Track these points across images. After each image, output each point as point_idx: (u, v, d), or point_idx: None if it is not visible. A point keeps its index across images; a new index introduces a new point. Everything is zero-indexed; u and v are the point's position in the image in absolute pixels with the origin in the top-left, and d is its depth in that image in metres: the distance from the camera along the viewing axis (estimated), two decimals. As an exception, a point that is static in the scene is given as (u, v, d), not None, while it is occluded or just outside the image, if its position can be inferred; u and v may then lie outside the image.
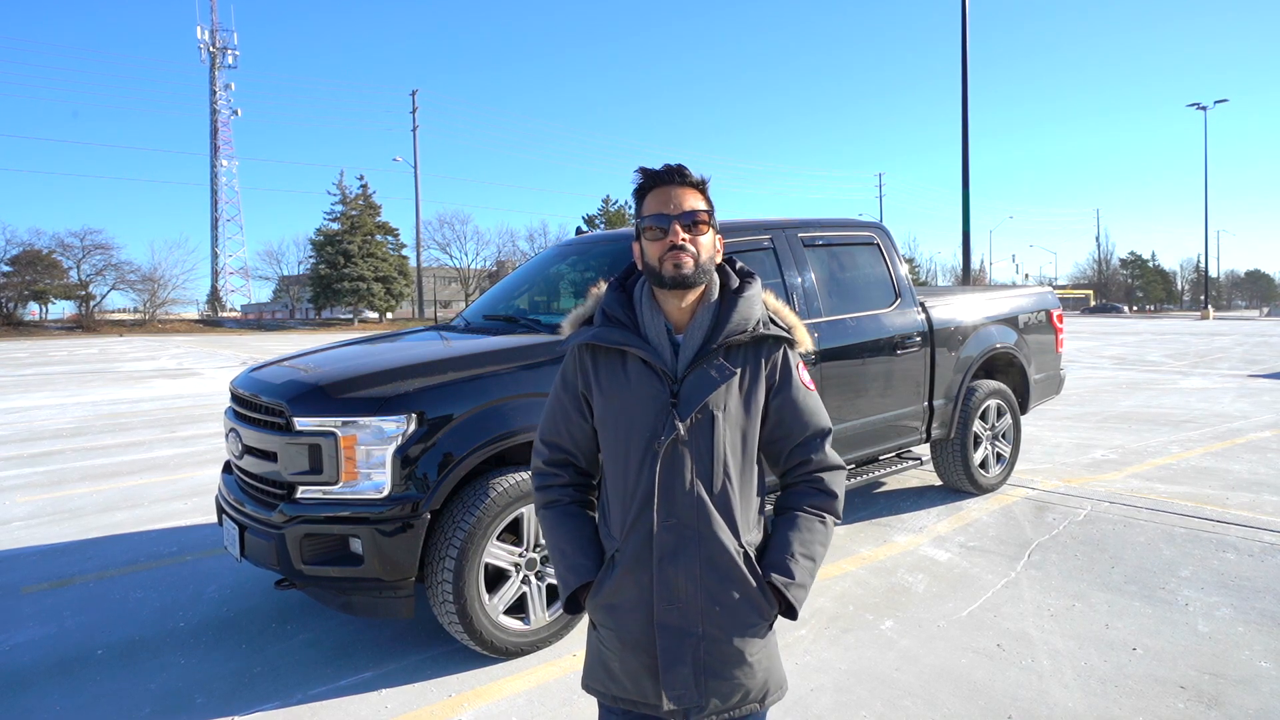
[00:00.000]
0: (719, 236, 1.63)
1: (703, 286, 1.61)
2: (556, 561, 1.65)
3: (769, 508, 1.71)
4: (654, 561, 1.53)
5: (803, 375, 1.66)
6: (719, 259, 1.65)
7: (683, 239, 1.54)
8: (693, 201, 1.57)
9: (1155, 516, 5.18)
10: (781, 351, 1.63)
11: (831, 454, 1.66)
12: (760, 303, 1.64)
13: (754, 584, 1.55)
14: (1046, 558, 4.44)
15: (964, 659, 3.26)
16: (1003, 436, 5.89)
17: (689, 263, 1.55)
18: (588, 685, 1.66)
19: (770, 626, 1.60)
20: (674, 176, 1.58)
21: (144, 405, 12.21)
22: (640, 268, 1.64)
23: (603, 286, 1.69)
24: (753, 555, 1.58)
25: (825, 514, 1.63)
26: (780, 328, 1.63)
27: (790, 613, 1.58)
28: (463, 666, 3.29)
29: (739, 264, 1.69)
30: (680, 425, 1.53)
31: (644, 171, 1.61)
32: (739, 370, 1.58)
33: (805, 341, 1.66)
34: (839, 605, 3.83)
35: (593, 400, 1.64)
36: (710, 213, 1.60)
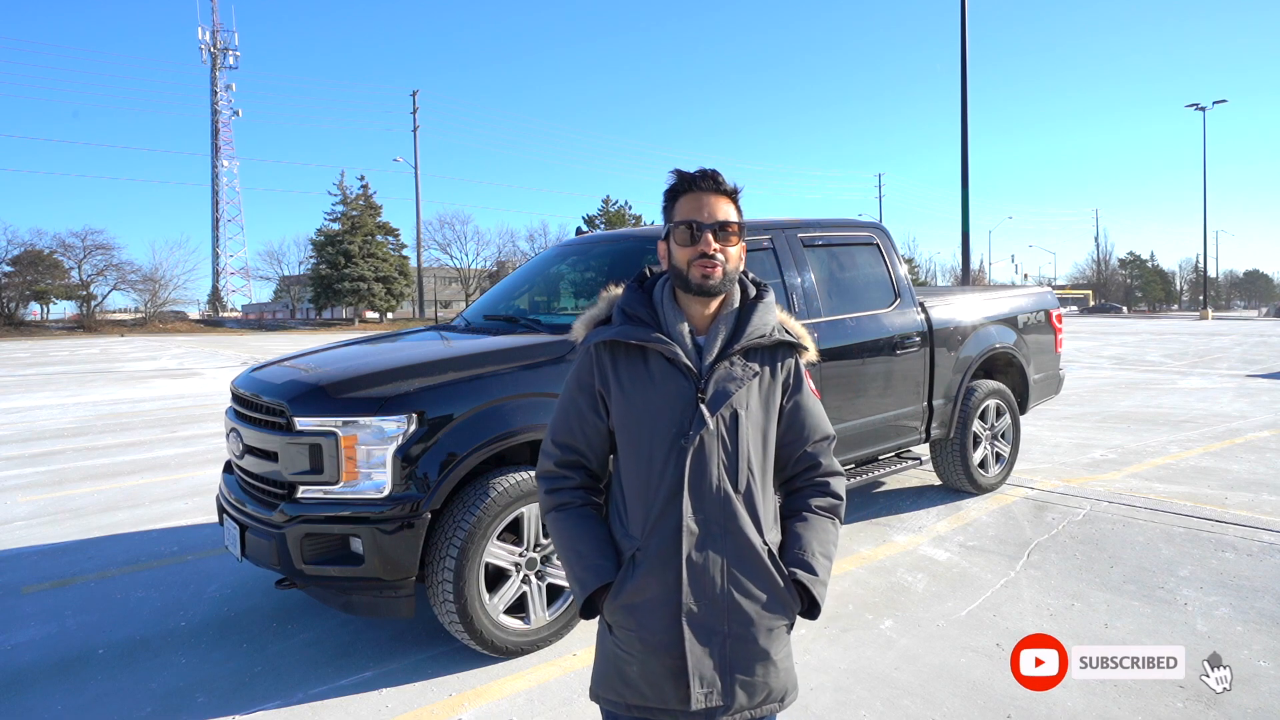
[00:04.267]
0: (743, 246, 1.64)
1: (726, 293, 1.64)
2: (572, 564, 1.61)
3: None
4: (682, 558, 1.52)
5: (809, 382, 1.72)
6: (742, 267, 1.67)
7: (714, 248, 1.56)
8: (725, 210, 1.59)
9: (1154, 516, 5.18)
10: (795, 358, 1.68)
11: (834, 460, 1.72)
12: (775, 312, 1.68)
13: (780, 581, 1.56)
14: (1046, 557, 4.45)
15: (963, 658, 3.27)
16: (1002, 436, 5.90)
17: (718, 273, 1.57)
18: (598, 694, 1.61)
19: (792, 625, 1.60)
20: (709, 182, 1.59)
21: (145, 405, 12.22)
22: (666, 267, 1.65)
23: (613, 289, 1.70)
24: (775, 553, 1.59)
25: (834, 516, 1.68)
26: (791, 337, 1.67)
27: (813, 610, 1.59)
28: (463, 666, 3.30)
29: (752, 275, 1.73)
30: (709, 420, 1.54)
31: (679, 174, 1.61)
32: (760, 372, 1.61)
33: (813, 351, 1.71)
34: (839, 604, 3.84)
35: (610, 399, 1.63)
36: (740, 223, 1.61)
